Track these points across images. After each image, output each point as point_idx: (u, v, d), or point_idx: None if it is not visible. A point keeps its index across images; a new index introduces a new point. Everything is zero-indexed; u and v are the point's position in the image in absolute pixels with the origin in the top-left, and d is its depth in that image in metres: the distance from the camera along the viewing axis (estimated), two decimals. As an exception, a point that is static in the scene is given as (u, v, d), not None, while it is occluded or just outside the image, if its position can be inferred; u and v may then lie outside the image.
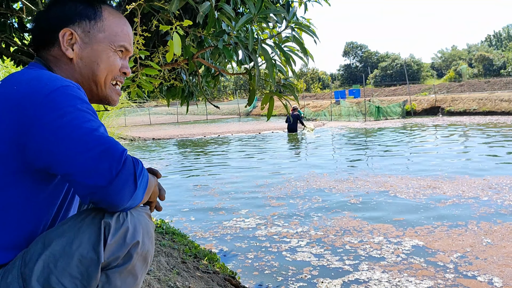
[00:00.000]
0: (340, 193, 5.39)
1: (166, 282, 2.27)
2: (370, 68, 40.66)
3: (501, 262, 2.98)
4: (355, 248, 3.43)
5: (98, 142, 0.90)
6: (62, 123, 0.89)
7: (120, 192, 0.91)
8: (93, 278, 0.93)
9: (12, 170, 0.91)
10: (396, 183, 5.81)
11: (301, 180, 6.39)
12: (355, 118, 21.91)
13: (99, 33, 1.13)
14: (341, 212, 4.52)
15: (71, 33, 1.09)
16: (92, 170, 0.88)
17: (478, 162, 7.25)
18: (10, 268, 0.92)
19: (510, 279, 2.71)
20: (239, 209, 4.87)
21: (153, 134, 17.83)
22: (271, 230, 4.00)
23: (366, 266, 3.05)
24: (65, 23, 1.09)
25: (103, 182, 0.88)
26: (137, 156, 2.04)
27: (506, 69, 39.95)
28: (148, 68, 1.65)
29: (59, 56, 1.09)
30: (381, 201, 4.89)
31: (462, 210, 4.36)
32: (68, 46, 1.09)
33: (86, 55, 1.11)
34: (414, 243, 3.47)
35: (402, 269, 2.96)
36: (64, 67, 1.09)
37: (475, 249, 3.27)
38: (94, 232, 0.94)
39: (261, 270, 3.11)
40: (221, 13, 1.61)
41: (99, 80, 1.13)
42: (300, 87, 38.77)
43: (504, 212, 4.20)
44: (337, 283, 2.78)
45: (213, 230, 4.15)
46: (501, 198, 4.71)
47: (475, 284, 2.68)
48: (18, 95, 0.91)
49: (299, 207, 4.83)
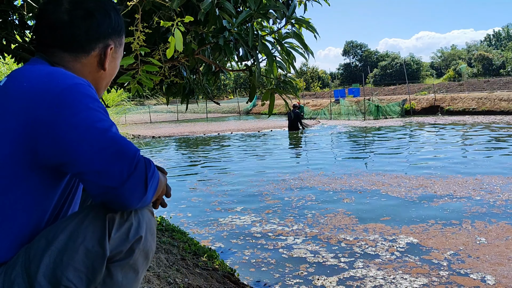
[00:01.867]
0: (334, 191, 5.43)
1: (166, 279, 2.28)
2: (369, 67, 40.65)
3: (493, 261, 3.01)
4: (351, 245, 3.45)
5: (110, 142, 0.89)
6: (74, 123, 0.88)
7: (131, 194, 0.91)
8: (98, 272, 0.94)
9: (22, 168, 0.91)
10: (389, 182, 5.84)
11: (296, 178, 6.43)
12: (354, 117, 21.92)
13: (120, 47, 1.16)
14: (335, 210, 4.55)
15: (112, 47, 1.09)
16: (104, 171, 0.88)
17: (473, 161, 7.28)
18: (13, 265, 0.92)
19: (502, 277, 2.73)
20: (235, 206, 4.91)
21: (153, 132, 17.83)
22: (266, 228, 4.03)
23: (361, 263, 3.08)
24: (108, 36, 1.08)
25: (115, 183, 0.88)
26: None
27: (505, 68, 40.00)
28: (148, 65, 1.66)
29: (88, 64, 1.07)
30: (374, 200, 4.92)
31: (455, 209, 4.38)
32: (108, 59, 1.09)
33: (110, 68, 1.13)
34: (409, 241, 3.49)
35: (397, 267, 2.99)
36: (77, 68, 1.06)
37: (469, 248, 3.29)
38: (99, 226, 0.94)
39: (258, 266, 3.13)
40: (221, 10, 1.62)
41: (101, 87, 1.15)
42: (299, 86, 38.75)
43: (497, 211, 4.21)
44: (333, 280, 2.80)
45: (209, 227, 4.18)
46: (494, 198, 4.72)
47: (468, 281, 2.71)
48: (29, 92, 0.90)
49: (293, 204, 4.87)
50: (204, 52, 2.08)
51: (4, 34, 2.12)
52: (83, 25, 1.03)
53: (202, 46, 1.89)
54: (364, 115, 21.58)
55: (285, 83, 1.91)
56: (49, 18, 1.03)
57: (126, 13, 1.50)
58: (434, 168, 6.75)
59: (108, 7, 1.08)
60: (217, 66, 2.25)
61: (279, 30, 1.82)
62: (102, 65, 1.09)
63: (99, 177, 0.88)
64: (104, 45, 1.08)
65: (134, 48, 1.53)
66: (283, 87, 1.95)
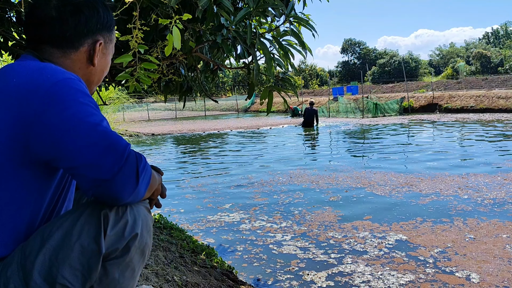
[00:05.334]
0: (321, 189, 5.46)
1: (164, 276, 2.28)
2: (368, 65, 40.69)
3: (479, 258, 3.03)
4: (340, 242, 3.51)
5: (101, 136, 0.90)
6: (65, 117, 0.88)
7: (122, 187, 0.91)
8: (93, 269, 0.94)
9: (13, 164, 0.91)
10: (377, 180, 5.86)
11: (285, 176, 6.48)
12: (353, 115, 21.93)
13: (111, 43, 1.16)
14: (322, 207, 4.59)
15: (101, 43, 1.10)
16: (95, 165, 0.89)
17: (467, 159, 7.31)
18: (9, 262, 0.92)
19: (487, 275, 2.75)
20: (224, 203, 4.97)
21: (151, 129, 17.80)
22: (255, 224, 4.09)
23: (350, 259, 3.14)
24: (97, 32, 1.09)
25: (106, 176, 0.89)
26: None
27: (503, 66, 40.05)
28: (146, 62, 1.65)
29: (77, 60, 1.08)
30: (362, 197, 4.94)
31: (441, 206, 4.40)
32: (98, 55, 1.10)
33: (100, 63, 1.13)
34: (398, 238, 3.53)
35: (384, 263, 3.04)
36: (66, 63, 1.06)
37: (456, 245, 3.31)
38: (94, 224, 0.94)
39: (250, 262, 3.19)
40: (219, 7, 1.62)
41: (92, 82, 1.15)
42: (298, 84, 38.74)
43: (483, 210, 4.21)
44: (322, 276, 2.88)
45: (199, 223, 4.24)
46: (481, 196, 4.72)
47: (454, 279, 2.73)
48: (18, 88, 0.90)
49: (281, 202, 4.91)
50: (202, 50, 2.07)
51: (1, 31, 2.11)
52: (72, 20, 1.04)
53: (200, 43, 1.89)
54: (362, 113, 21.59)
55: (283, 81, 1.91)
56: (38, 14, 1.03)
57: (123, 11, 1.49)
58: (434, 166, 6.76)
59: (96, 2, 1.08)
60: (215, 64, 2.25)
61: (278, 28, 1.81)
62: (91, 61, 1.09)
63: (90, 171, 0.89)
64: (93, 41, 1.08)
65: (132, 45, 1.52)
66: (282, 85, 1.94)
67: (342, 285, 2.73)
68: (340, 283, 2.75)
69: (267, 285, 2.81)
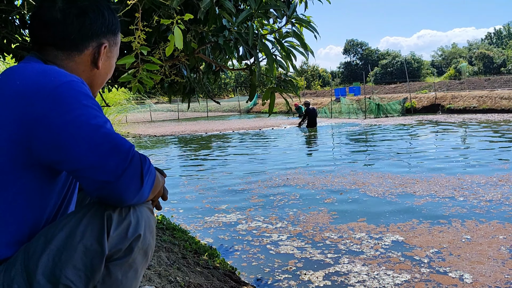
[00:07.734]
0: (316, 190, 5.47)
1: (167, 277, 2.28)
2: (370, 66, 40.59)
3: (474, 259, 3.04)
4: (336, 243, 3.52)
5: (105, 139, 0.90)
6: (69, 120, 0.89)
7: (126, 189, 0.92)
8: (97, 270, 0.94)
9: (17, 166, 0.91)
10: (372, 181, 5.84)
11: (282, 177, 6.50)
12: (355, 116, 21.89)
13: (115, 46, 1.16)
14: (318, 208, 4.60)
15: (105, 46, 1.10)
16: (99, 167, 0.89)
17: (466, 160, 7.29)
18: (13, 263, 0.92)
19: (480, 276, 2.76)
20: (222, 204, 5.01)
21: (154, 131, 17.81)
22: (251, 225, 4.12)
23: (346, 259, 3.17)
24: (101, 35, 1.09)
25: (111, 178, 0.89)
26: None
27: (506, 67, 39.90)
28: (149, 64, 1.66)
29: (81, 62, 1.08)
30: (357, 199, 4.95)
31: (437, 207, 4.39)
32: (102, 58, 1.10)
33: (104, 66, 1.13)
34: (394, 239, 3.54)
35: (380, 263, 3.07)
36: (70, 66, 1.06)
37: (452, 246, 3.31)
38: (97, 225, 0.95)
39: (249, 262, 3.22)
40: (221, 9, 1.62)
41: (96, 85, 1.15)
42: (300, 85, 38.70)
43: (479, 211, 4.19)
44: (319, 275, 2.91)
45: (197, 223, 4.27)
46: (477, 198, 4.69)
47: (447, 279, 2.75)
48: (22, 91, 0.90)
49: (276, 203, 4.93)
50: (204, 51, 2.08)
51: (5, 33, 2.12)
52: (76, 23, 1.04)
53: (202, 45, 1.89)
54: (364, 113, 21.55)
55: (285, 82, 1.92)
56: (43, 16, 1.03)
57: (126, 12, 1.50)
58: (434, 167, 6.74)
59: (101, 6, 1.08)
60: (218, 65, 2.25)
61: (280, 29, 1.82)
62: (95, 64, 1.09)
63: (95, 173, 0.89)
64: (98, 44, 1.09)
65: (135, 47, 1.53)
66: (284, 86, 1.95)
67: (338, 284, 2.77)
68: (337, 282, 2.80)
69: (267, 285, 2.83)
